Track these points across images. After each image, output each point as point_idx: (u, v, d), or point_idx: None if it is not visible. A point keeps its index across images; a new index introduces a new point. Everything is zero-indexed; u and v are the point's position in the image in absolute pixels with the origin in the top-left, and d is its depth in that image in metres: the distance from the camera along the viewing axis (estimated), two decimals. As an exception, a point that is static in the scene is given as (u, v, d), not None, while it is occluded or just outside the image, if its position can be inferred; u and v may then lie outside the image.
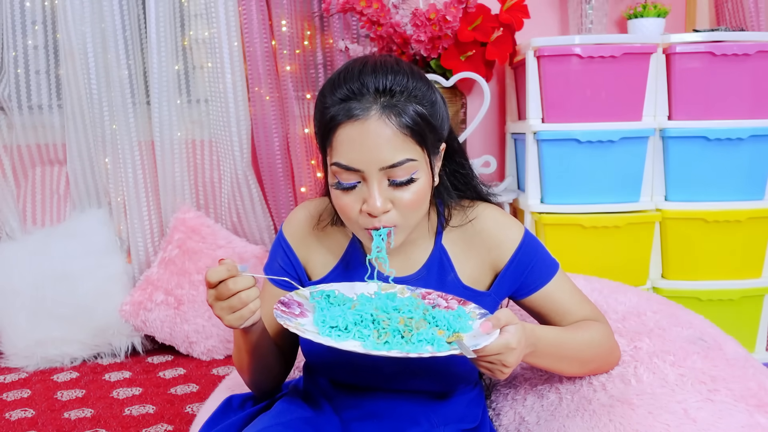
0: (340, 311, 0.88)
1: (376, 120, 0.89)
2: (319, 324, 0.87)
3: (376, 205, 0.90)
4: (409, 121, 0.90)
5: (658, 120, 1.99)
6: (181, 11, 2.41)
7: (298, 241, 1.09)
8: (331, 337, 0.84)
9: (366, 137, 0.89)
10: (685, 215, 1.98)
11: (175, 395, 2.00)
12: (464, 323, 0.88)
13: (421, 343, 0.84)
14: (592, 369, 1.06)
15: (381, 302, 0.90)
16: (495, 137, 2.50)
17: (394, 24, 2.02)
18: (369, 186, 0.91)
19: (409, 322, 0.86)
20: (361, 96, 0.90)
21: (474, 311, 0.92)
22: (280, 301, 0.89)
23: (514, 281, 1.04)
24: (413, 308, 0.89)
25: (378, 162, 0.90)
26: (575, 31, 2.21)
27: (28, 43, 2.39)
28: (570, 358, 1.01)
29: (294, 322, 0.85)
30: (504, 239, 1.03)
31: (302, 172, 2.43)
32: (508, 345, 0.83)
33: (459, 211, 1.06)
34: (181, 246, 2.30)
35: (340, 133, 0.91)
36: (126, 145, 2.36)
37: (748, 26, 2.18)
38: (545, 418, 1.07)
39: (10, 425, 1.83)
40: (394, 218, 0.93)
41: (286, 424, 0.96)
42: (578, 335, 1.01)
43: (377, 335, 0.84)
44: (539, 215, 1.98)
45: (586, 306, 1.07)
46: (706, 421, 0.91)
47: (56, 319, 2.24)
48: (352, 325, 0.86)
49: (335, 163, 0.91)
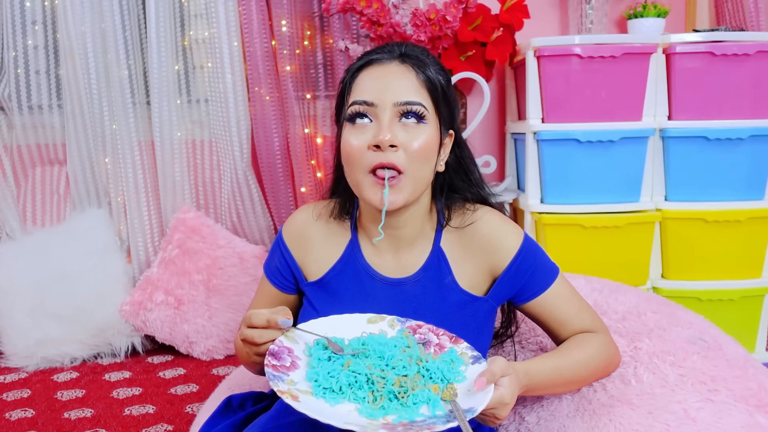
0: (333, 369, 0.85)
1: (397, 65, 0.97)
2: (312, 381, 0.84)
3: (386, 135, 0.92)
4: (427, 75, 0.97)
5: (658, 120, 1.99)
6: (181, 11, 2.41)
7: (296, 242, 1.09)
8: (325, 399, 0.82)
9: (385, 76, 0.96)
10: (685, 215, 1.98)
11: (175, 395, 2.00)
12: (456, 369, 0.87)
13: (417, 405, 0.82)
14: (590, 382, 1.07)
15: (374, 359, 0.87)
16: (495, 137, 2.50)
17: (394, 24, 2.02)
18: (380, 120, 0.94)
19: (404, 382, 0.84)
20: (384, 52, 0.98)
21: (466, 353, 0.90)
22: (270, 353, 0.86)
23: (513, 287, 1.04)
24: (407, 361, 0.87)
25: (393, 96, 0.94)
26: (575, 31, 2.21)
27: (28, 43, 2.39)
28: (565, 383, 1.02)
29: (286, 380, 0.82)
30: (503, 244, 1.02)
31: (302, 172, 2.43)
32: (502, 401, 0.83)
33: (459, 212, 1.06)
34: (181, 246, 2.30)
35: (360, 76, 0.98)
36: (126, 145, 2.36)
37: (748, 26, 2.18)
38: (545, 418, 1.07)
39: (10, 425, 1.83)
40: (401, 160, 0.94)
41: (285, 427, 0.96)
42: (574, 358, 1.00)
43: (372, 398, 0.83)
44: (539, 215, 1.98)
45: (586, 314, 1.06)
46: (706, 421, 0.91)
47: (56, 319, 2.24)
48: (347, 387, 0.83)
49: (352, 102, 0.96)
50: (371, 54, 0.99)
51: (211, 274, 2.29)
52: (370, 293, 1.03)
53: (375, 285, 1.04)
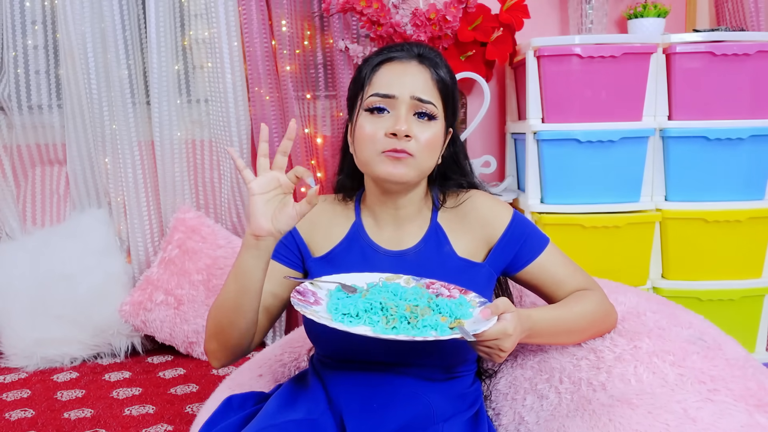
0: (352, 300, 0.96)
1: (415, 65, 1.06)
2: (332, 311, 0.94)
3: (403, 125, 1.02)
4: (441, 76, 1.07)
5: (658, 120, 1.99)
6: (181, 11, 2.41)
7: (303, 221, 1.15)
8: (343, 323, 0.91)
9: (404, 72, 1.05)
10: (685, 215, 1.98)
11: (175, 395, 2.00)
12: (465, 310, 0.96)
13: (426, 329, 0.91)
14: (590, 335, 1.13)
15: (389, 292, 0.98)
16: (495, 137, 2.50)
17: (394, 24, 2.02)
18: (398, 111, 1.03)
19: (415, 309, 0.94)
20: (403, 50, 1.08)
21: (474, 300, 0.99)
22: (297, 290, 0.98)
23: (508, 254, 1.11)
24: (418, 297, 0.97)
25: (411, 90, 1.04)
26: (575, 31, 2.21)
27: (28, 43, 2.39)
28: (567, 332, 1.08)
29: (309, 310, 0.93)
30: (495, 216, 1.12)
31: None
32: (505, 331, 0.91)
33: (453, 195, 1.16)
34: (181, 246, 2.30)
35: (380, 71, 1.06)
36: (126, 145, 2.36)
37: (748, 26, 2.18)
38: (545, 418, 1.07)
39: (10, 425, 1.83)
40: (413, 147, 1.03)
41: (281, 426, 0.97)
42: (572, 309, 1.08)
43: (386, 321, 0.92)
44: (539, 215, 1.98)
45: (579, 275, 1.13)
46: (706, 421, 0.91)
47: (56, 319, 2.24)
48: (363, 312, 0.94)
49: (373, 94, 1.04)
50: (391, 51, 1.08)
51: (211, 274, 2.29)
52: (374, 265, 1.11)
53: (379, 257, 1.12)
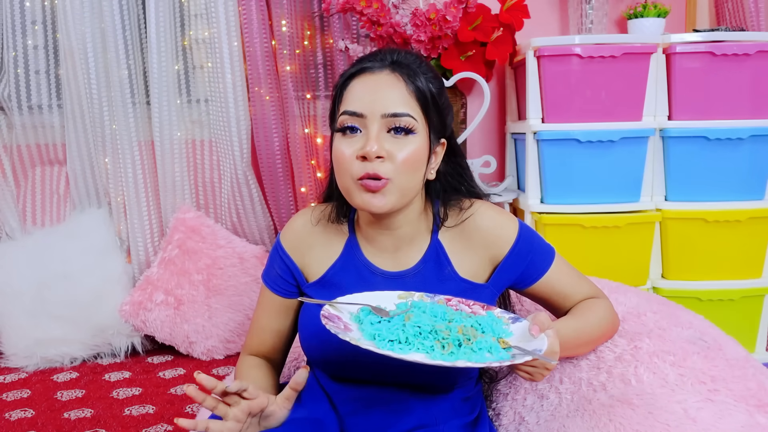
0: (393, 324, 0.87)
1: (387, 74, 0.97)
2: (370, 337, 0.86)
3: (372, 146, 0.93)
4: (417, 85, 0.97)
5: (658, 120, 1.99)
6: (181, 11, 2.41)
7: (295, 247, 1.10)
8: (393, 350, 0.83)
9: (375, 86, 0.96)
10: (685, 215, 1.98)
11: (175, 395, 2.00)
12: (502, 328, 0.90)
13: (482, 351, 0.85)
14: (601, 343, 1.11)
15: (433, 313, 0.91)
16: (495, 137, 2.50)
17: (394, 24, 2.02)
18: (368, 131, 0.95)
19: (466, 330, 0.87)
20: (376, 60, 0.99)
21: (503, 316, 0.94)
22: (324, 316, 0.88)
23: (513, 273, 1.07)
24: (462, 318, 0.90)
25: (381, 108, 0.95)
26: (575, 31, 2.21)
27: (28, 43, 2.39)
28: (585, 343, 1.06)
29: (349, 336, 0.84)
30: (501, 234, 1.05)
31: (302, 172, 2.43)
32: (553, 349, 0.86)
33: (455, 211, 1.08)
34: (181, 246, 2.30)
35: (352, 85, 0.98)
36: (126, 145, 2.36)
37: (748, 26, 2.18)
38: (545, 418, 1.07)
39: (10, 425, 1.83)
40: (388, 169, 0.95)
41: (284, 423, 0.97)
42: (589, 320, 1.05)
43: (441, 346, 0.85)
44: (539, 215, 1.98)
45: (585, 284, 1.11)
46: (706, 421, 0.91)
47: (56, 319, 2.24)
48: (413, 338, 0.86)
49: (343, 112, 0.97)
50: (363, 62, 1.00)
51: (211, 274, 2.29)
52: (372, 287, 1.05)
53: (376, 279, 1.06)
